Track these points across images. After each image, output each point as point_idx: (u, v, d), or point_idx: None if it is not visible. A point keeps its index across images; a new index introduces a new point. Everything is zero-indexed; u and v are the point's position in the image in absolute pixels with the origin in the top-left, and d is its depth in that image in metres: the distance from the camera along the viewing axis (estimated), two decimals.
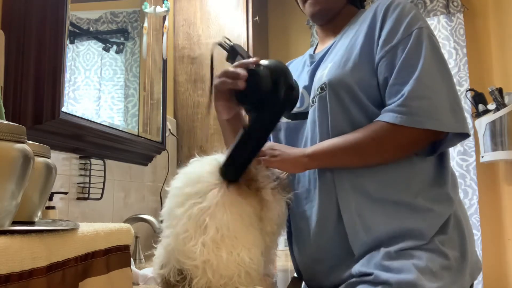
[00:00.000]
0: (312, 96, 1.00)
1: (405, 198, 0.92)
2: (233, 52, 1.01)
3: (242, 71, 0.92)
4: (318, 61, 1.07)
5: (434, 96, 0.89)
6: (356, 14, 1.09)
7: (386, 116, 0.90)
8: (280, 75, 0.88)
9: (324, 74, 0.98)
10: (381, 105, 0.95)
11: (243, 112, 1.05)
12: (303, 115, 1.04)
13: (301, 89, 1.04)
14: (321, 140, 0.96)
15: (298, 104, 1.03)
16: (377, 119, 0.92)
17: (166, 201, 0.89)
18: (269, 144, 0.99)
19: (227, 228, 0.82)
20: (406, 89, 0.89)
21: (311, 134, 1.00)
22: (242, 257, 0.81)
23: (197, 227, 0.81)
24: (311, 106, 1.00)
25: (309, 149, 0.96)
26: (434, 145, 0.96)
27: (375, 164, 0.94)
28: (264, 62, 0.91)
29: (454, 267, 0.89)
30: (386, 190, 0.93)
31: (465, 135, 0.92)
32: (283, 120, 1.06)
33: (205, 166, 0.90)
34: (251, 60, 0.94)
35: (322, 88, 0.97)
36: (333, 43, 1.07)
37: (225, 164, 0.87)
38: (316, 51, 1.15)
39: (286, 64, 1.24)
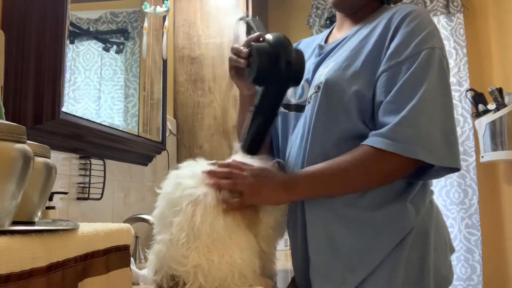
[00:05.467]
0: (310, 93, 0.97)
1: (367, 213, 0.89)
2: (248, 27, 1.00)
3: (243, 48, 0.90)
4: (325, 55, 1.01)
5: (429, 125, 0.84)
6: (378, 9, 1.03)
7: (374, 141, 0.85)
8: (280, 49, 0.86)
9: (323, 73, 0.94)
10: (370, 121, 0.90)
11: None
12: (300, 108, 0.99)
13: (303, 81, 1.00)
14: (312, 144, 0.92)
15: (296, 96, 1.01)
16: (364, 143, 0.87)
17: (157, 204, 0.88)
18: (248, 173, 0.88)
19: (219, 232, 0.81)
20: (402, 113, 0.84)
21: (301, 132, 0.97)
22: (234, 258, 0.80)
23: (188, 232, 0.80)
24: (308, 102, 0.96)
25: (292, 187, 0.88)
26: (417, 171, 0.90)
27: (360, 191, 0.90)
28: (267, 36, 0.89)
29: (411, 282, 0.88)
30: (351, 207, 0.90)
31: (455, 170, 0.88)
32: (281, 109, 1.02)
33: (197, 170, 0.88)
34: (254, 35, 0.91)
35: (318, 87, 0.93)
36: (345, 37, 1.01)
37: (243, 140, 0.90)
38: (329, 39, 1.10)
39: (297, 43, 1.20)
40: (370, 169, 0.87)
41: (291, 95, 1.03)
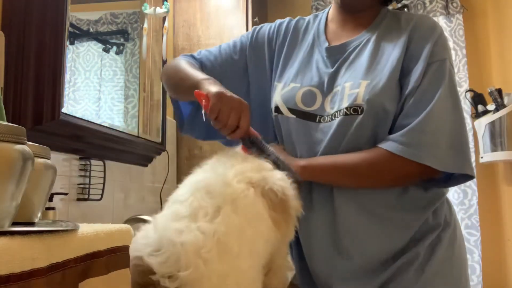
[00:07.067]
0: (334, 110, 0.93)
1: (398, 213, 0.93)
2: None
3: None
4: (340, 63, 0.97)
5: (437, 133, 0.87)
6: (380, 11, 1.03)
7: (388, 145, 0.88)
8: None
9: (359, 94, 0.90)
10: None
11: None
12: (310, 116, 0.96)
13: (309, 86, 0.98)
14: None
15: (304, 103, 0.97)
16: (379, 145, 0.90)
17: (184, 185, 0.81)
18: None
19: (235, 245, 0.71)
20: (415, 120, 0.87)
21: (317, 142, 0.95)
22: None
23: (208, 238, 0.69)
24: (331, 119, 0.93)
25: (303, 161, 0.93)
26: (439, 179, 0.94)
27: (365, 188, 0.93)
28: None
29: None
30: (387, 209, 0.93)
31: (469, 176, 0.91)
32: (289, 115, 0.98)
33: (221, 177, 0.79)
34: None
35: (355, 110, 0.90)
36: (358, 45, 0.98)
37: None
38: (331, 38, 1.04)
39: (286, 19, 1.18)
40: (378, 169, 0.90)
41: (299, 100, 0.99)
